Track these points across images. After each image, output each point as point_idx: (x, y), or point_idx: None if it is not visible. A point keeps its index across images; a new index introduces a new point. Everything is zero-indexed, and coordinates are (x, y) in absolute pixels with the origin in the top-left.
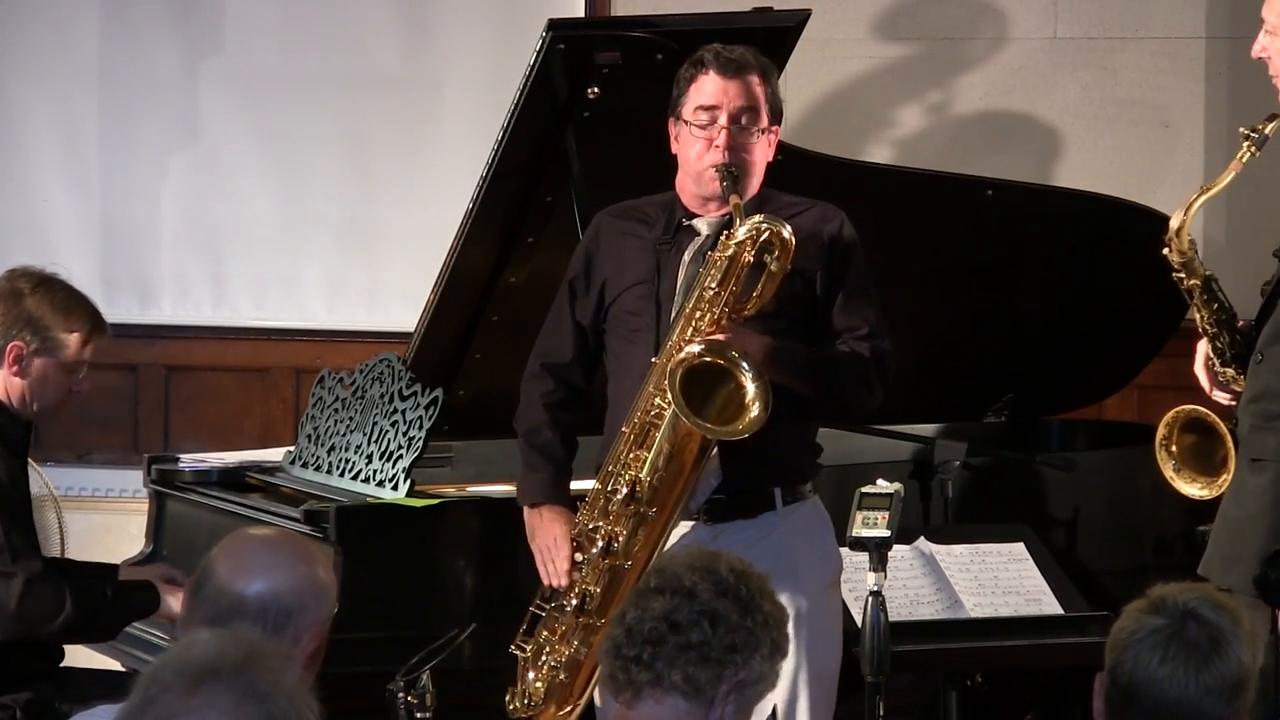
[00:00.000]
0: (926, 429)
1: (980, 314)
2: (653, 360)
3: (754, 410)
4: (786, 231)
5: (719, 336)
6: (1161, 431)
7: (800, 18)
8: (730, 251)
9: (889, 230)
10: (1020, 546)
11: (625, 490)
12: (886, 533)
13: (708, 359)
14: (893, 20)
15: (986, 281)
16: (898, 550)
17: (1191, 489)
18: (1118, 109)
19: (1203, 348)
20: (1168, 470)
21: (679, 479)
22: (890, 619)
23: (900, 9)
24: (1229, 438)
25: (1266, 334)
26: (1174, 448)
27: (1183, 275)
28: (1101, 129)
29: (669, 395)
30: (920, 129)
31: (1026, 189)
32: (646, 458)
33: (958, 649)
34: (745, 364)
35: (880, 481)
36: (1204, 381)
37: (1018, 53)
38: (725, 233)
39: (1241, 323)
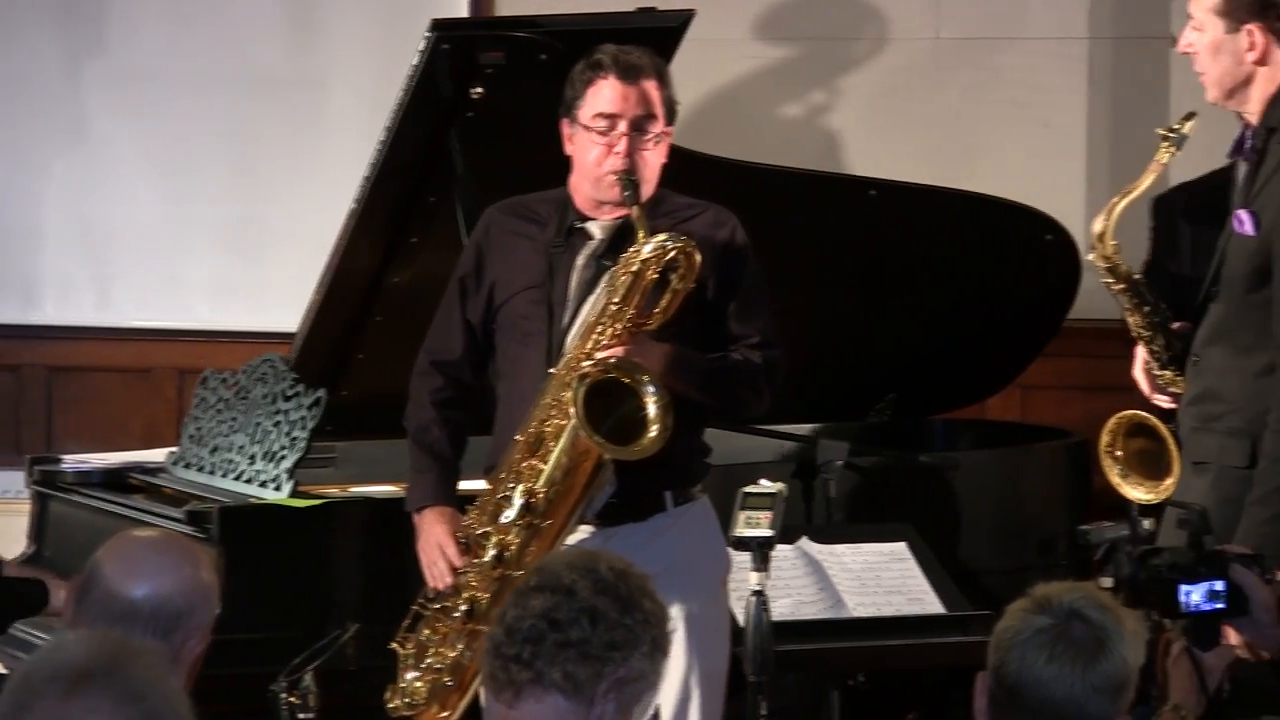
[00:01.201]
0: (810, 429)
1: (863, 314)
2: (549, 371)
3: (653, 431)
4: (692, 249)
5: (618, 350)
6: (1106, 438)
7: (684, 18)
8: (635, 268)
9: (772, 230)
10: (903, 546)
11: (520, 502)
12: (769, 532)
13: (613, 375)
14: (776, 21)
15: (870, 281)
16: (780, 550)
17: (1138, 494)
18: (1000, 109)
19: (1140, 352)
20: (1114, 476)
21: (574, 492)
22: (773, 618)
23: (783, 10)
24: (1172, 441)
25: (1202, 335)
26: (1119, 453)
27: (1110, 280)
28: (984, 129)
29: (570, 409)
30: (804, 129)
31: (909, 189)
32: (543, 470)
33: (840, 649)
34: (651, 386)
35: (763, 481)
36: (1144, 386)
37: (901, 53)
38: (632, 249)
39: (1177, 324)
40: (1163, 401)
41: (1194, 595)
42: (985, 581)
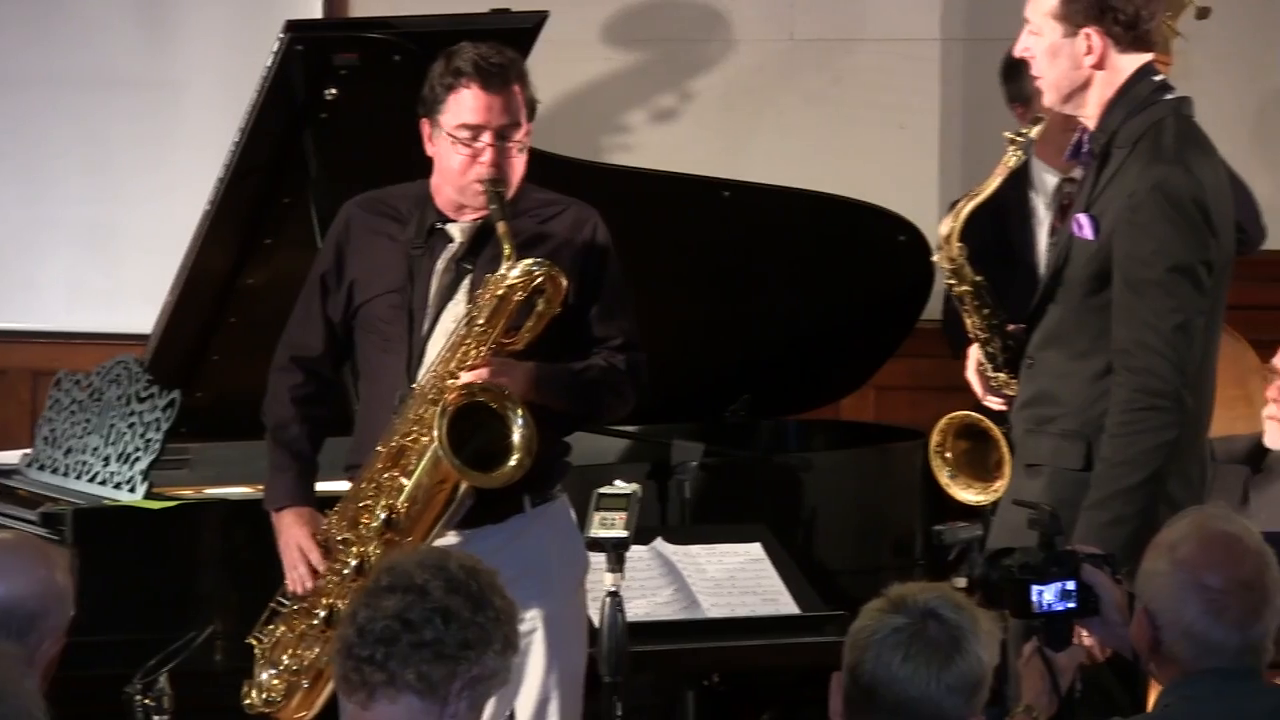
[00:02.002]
0: (664, 429)
1: (717, 314)
2: (412, 386)
3: (513, 460)
4: (558, 274)
5: (482, 372)
6: (936, 438)
7: (537, 19)
8: (501, 292)
9: (626, 232)
10: (757, 547)
11: (383, 516)
12: (624, 533)
13: (480, 399)
14: (630, 22)
15: (723, 282)
16: (635, 551)
17: (967, 495)
18: (854, 110)
19: (974, 353)
20: (943, 477)
21: (434, 509)
22: (628, 619)
23: (637, 11)
24: (1004, 442)
25: (1037, 338)
26: (949, 454)
27: (954, 281)
28: (838, 130)
29: (433, 433)
30: (659, 131)
31: (763, 190)
32: (405, 485)
33: (695, 649)
34: (518, 416)
35: (618, 482)
36: (977, 387)
37: (755, 54)
38: (498, 274)
39: (1012, 327)
40: (994, 403)
41: (1046, 595)
42: (840, 582)
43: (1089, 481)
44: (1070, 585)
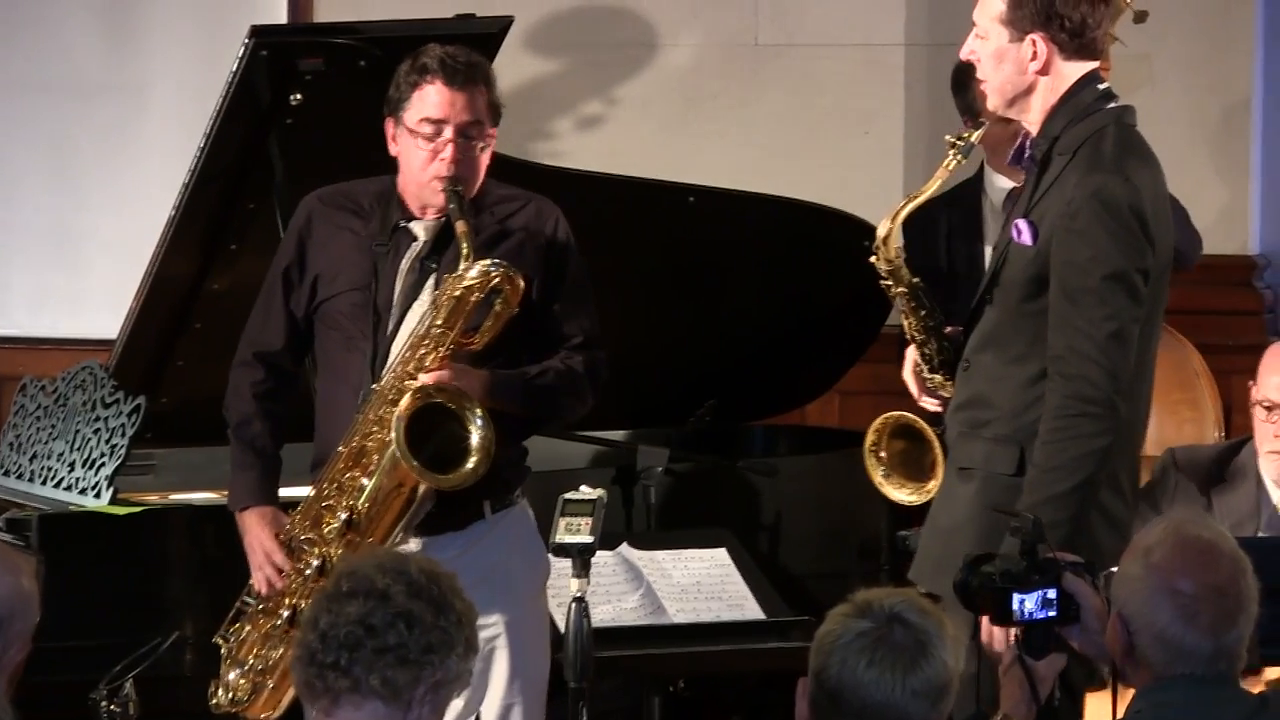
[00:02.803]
0: (630, 434)
1: (683, 319)
2: (373, 387)
3: (471, 462)
4: (516, 274)
5: (444, 373)
6: (871, 438)
7: (503, 23)
8: (458, 293)
9: (592, 236)
10: (722, 552)
11: (344, 517)
12: (590, 539)
13: (438, 401)
14: (595, 24)
15: (689, 287)
16: (601, 556)
17: (900, 495)
18: (819, 115)
19: (911, 354)
20: (876, 476)
21: (395, 510)
22: (593, 625)
23: (602, 13)
24: (937, 444)
25: (974, 342)
26: (883, 454)
27: (890, 283)
28: (803, 136)
29: (392, 436)
30: (623, 135)
31: (728, 195)
32: (366, 486)
33: (661, 654)
34: (478, 418)
35: (583, 488)
36: (913, 388)
37: (720, 58)
38: (456, 275)
39: (949, 329)
40: (930, 404)
41: (1028, 603)
42: (806, 587)
43: (1020, 487)
44: (1051, 593)
